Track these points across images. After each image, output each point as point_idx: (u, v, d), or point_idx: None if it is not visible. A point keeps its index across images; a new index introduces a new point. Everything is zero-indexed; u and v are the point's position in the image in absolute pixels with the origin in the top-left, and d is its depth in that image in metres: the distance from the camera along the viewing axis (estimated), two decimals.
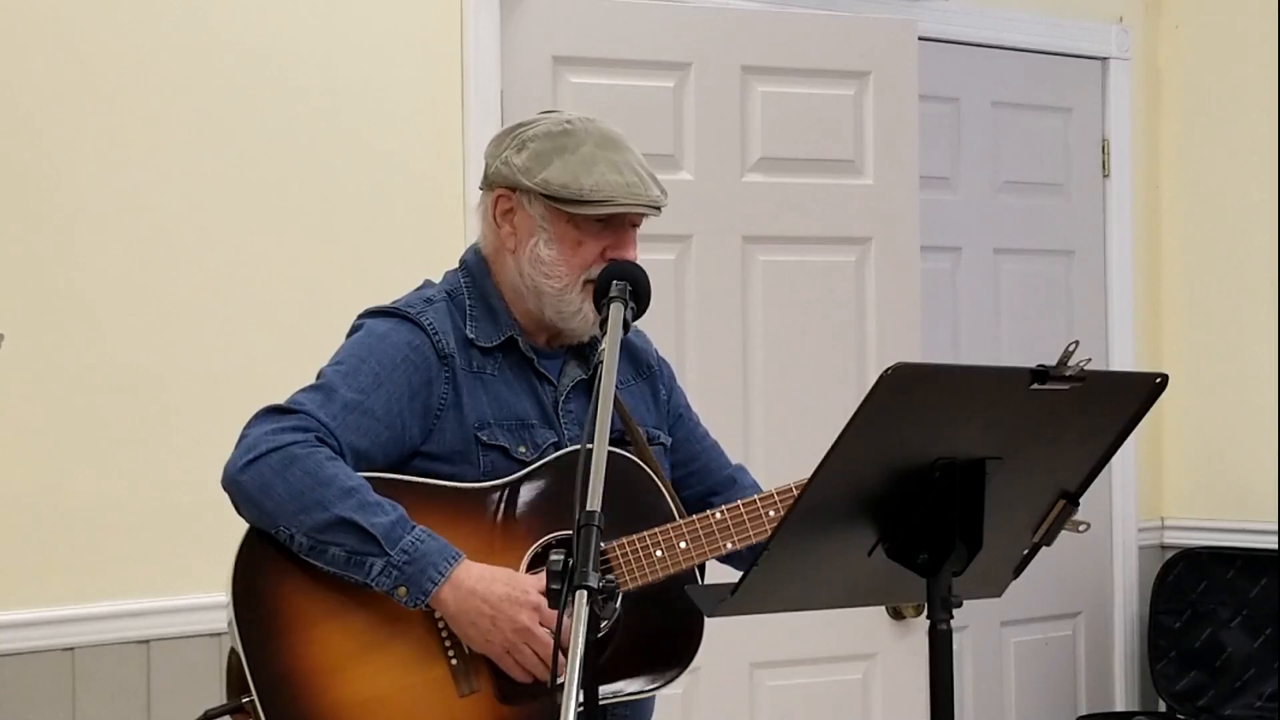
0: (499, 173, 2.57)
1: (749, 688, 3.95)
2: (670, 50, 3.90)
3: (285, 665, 2.39)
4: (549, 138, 2.54)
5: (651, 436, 2.66)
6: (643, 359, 2.74)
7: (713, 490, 2.75)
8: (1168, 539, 4.89)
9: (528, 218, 2.55)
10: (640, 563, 2.48)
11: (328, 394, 2.46)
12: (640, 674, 2.53)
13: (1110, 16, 4.77)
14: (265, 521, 2.41)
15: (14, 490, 3.25)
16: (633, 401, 2.66)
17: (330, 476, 2.39)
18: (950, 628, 2.12)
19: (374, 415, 2.46)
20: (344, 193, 3.58)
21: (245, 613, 2.40)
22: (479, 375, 2.54)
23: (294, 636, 2.40)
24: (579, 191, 2.49)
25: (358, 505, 2.38)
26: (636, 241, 2.57)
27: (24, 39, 3.28)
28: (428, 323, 2.53)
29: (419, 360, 2.50)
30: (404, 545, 2.38)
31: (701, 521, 2.51)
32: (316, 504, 2.37)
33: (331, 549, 2.38)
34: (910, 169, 4.11)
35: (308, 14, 3.55)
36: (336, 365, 2.51)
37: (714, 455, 2.79)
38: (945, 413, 2.07)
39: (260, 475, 2.39)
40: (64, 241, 3.31)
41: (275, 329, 3.48)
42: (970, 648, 4.54)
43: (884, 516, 2.12)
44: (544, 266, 2.53)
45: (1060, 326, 4.68)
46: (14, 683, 3.23)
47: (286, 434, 2.41)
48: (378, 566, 2.37)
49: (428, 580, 2.38)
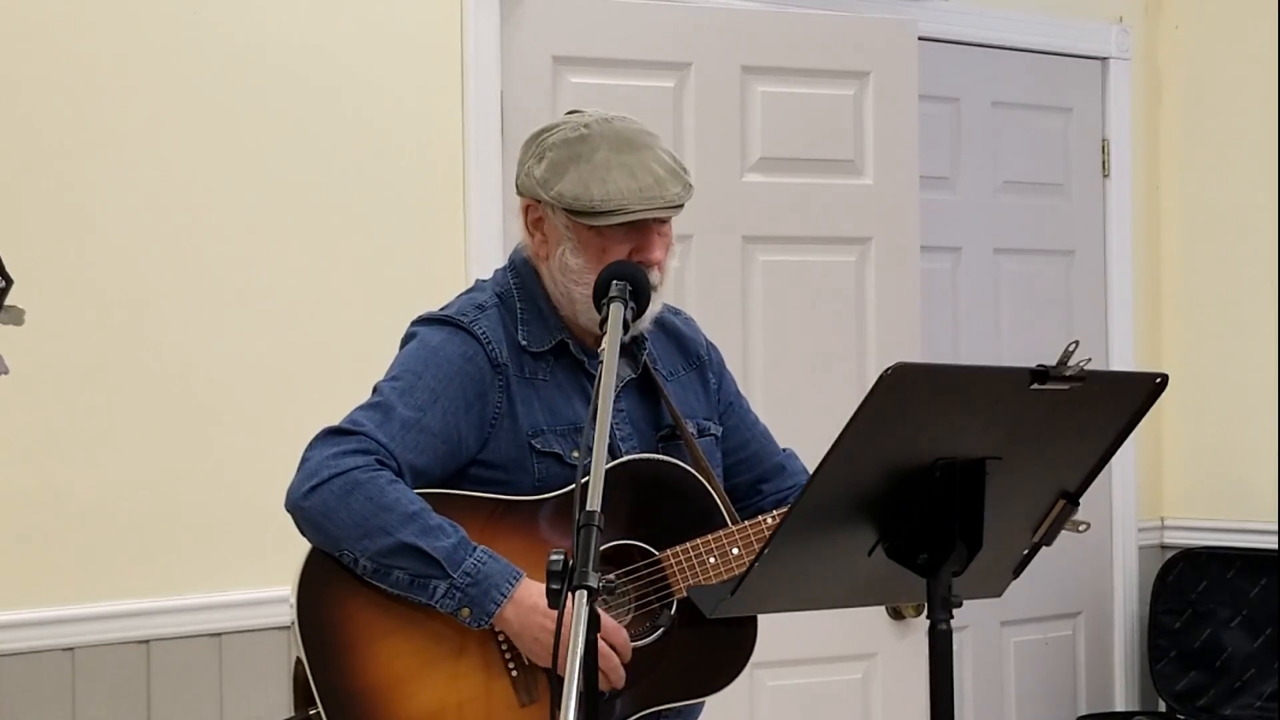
0: (525, 183, 2.58)
1: (749, 688, 3.94)
2: (670, 50, 3.90)
3: (349, 681, 2.43)
4: (565, 145, 2.54)
5: (702, 429, 2.67)
6: (692, 348, 2.74)
7: (763, 478, 2.76)
8: (1168, 539, 4.89)
9: (554, 227, 2.56)
10: (694, 570, 2.50)
11: (386, 413, 2.48)
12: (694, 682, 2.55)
13: (1110, 16, 4.77)
14: (329, 545, 2.43)
15: (14, 490, 3.25)
16: (682, 393, 2.67)
17: (393, 501, 2.41)
18: (950, 628, 2.12)
19: (431, 432, 2.48)
20: (344, 192, 3.58)
21: (309, 628, 2.43)
22: (531, 381, 2.55)
23: (358, 652, 2.44)
24: (591, 203, 2.49)
25: (420, 530, 2.41)
26: (668, 236, 2.56)
27: (25, 40, 3.28)
28: (481, 332, 2.54)
29: (474, 372, 2.52)
30: (466, 568, 2.41)
31: (754, 527, 2.54)
32: (379, 530, 2.40)
33: (395, 573, 2.41)
34: (910, 169, 4.11)
35: (308, 14, 3.55)
36: (393, 381, 2.53)
37: (764, 442, 2.80)
38: (945, 413, 2.07)
39: (324, 501, 2.42)
40: (64, 241, 3.31)
41: (276, 329, 3.48)
42: (970, 648, 4.54)
43: (884, 516, 2.12)
44: (573, 274, 2.54)
45: (1060, 326, 4.68)
46: (14, 683, 3.23)
47: (348, 458, 2.43)
48: (441, 589, 2.41)
49: (491, 602, 2.41)
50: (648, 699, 2.50)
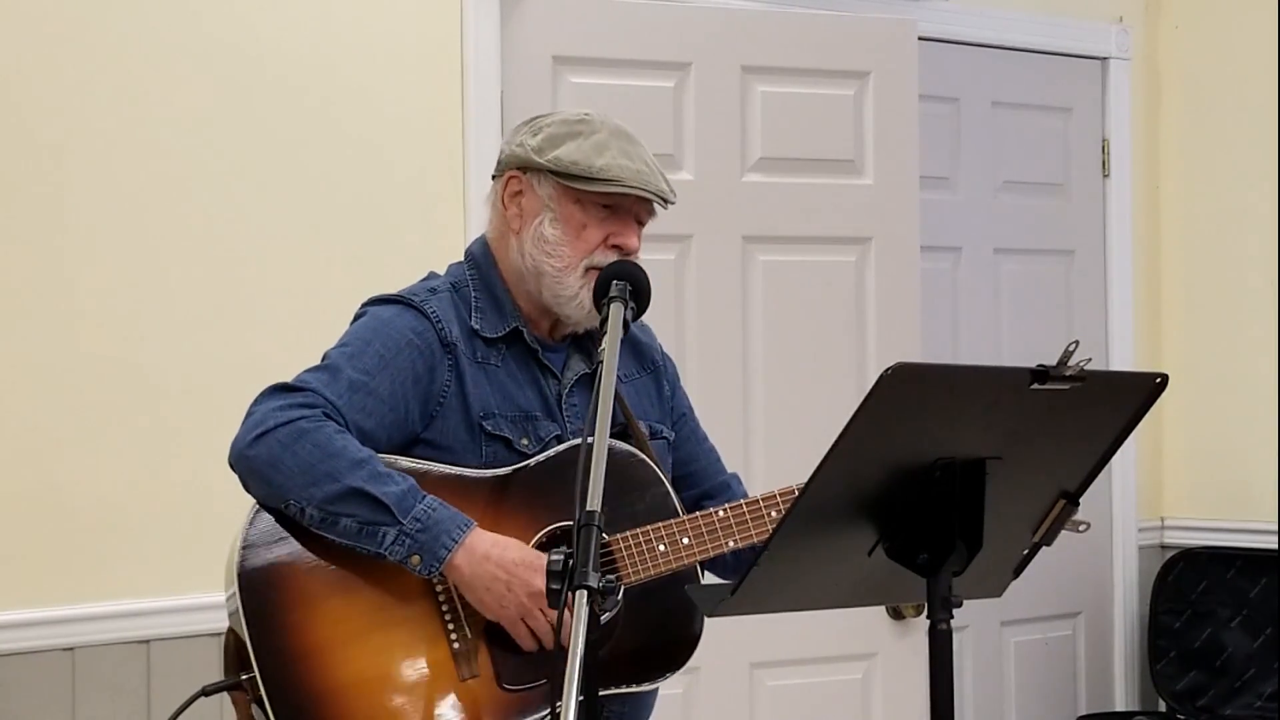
0: (513, 155, 2.60)
1: (749, 688, 3.95)
2: (670, 50, 3.90)
3: (288, 642, 2.39)
4: (565, 123, 2.58)
5: (655, 431, 2.67)
6: (647, 354, 2.74)
7: (707, 494, 2.76)
8: (1168, 539, 4.89)
9: (535, 197, 2.57)
10: (643, 557, 2.49)
11: (333, 374, 2.48)
12: (639, 669, 2.53)
13: (1110, 16, 4.77)
14: (274, 496, 2.42)
15: (14, 490, 3.26)
16: (636, 396, 2.67)
17: (340, 449, 2.40)
18: (950, 628, 2.12)
19: (379, 396, 2.47)
20: (344, 193, 3.58)
21: (250, 590, 2.40)
22: (483, 366, 2.55)
23: (298, 614, 2.41)
24: (589, 169, 2.52)
25: (369, 475, 2.39)
26: (641, 237, 2.58)
27: (23, 40, 3.28)
28: (431, 311, 2.54)
29: (423, 346, 2.52)
30: (416, 514, 2.39)
31: (705, 518, 2.52)
32: (327, 475, 2.38)
33: (343, 520, 2.39)
34: (910, 169, 4.11)
35: (308, 15, 3.55)
36: (342, 347, 2.53)
37: (711, 459, 2.80)
38: (945, 413, 2.07)
39: (269, 450, 2.40)
40: (63, 240, 3.31)
41: (276, 328, 3.48)
42: (970, 648, 4.54)
43: (884, 516, 2.12)
44: (547, 245, 2.55)
45: (1060, 326, 4.68)
46: (14, 683, 3.24)
47: (294, 409, 2.42)
48: (390, 535, 2.38)
49: (441, 547, 2.39)
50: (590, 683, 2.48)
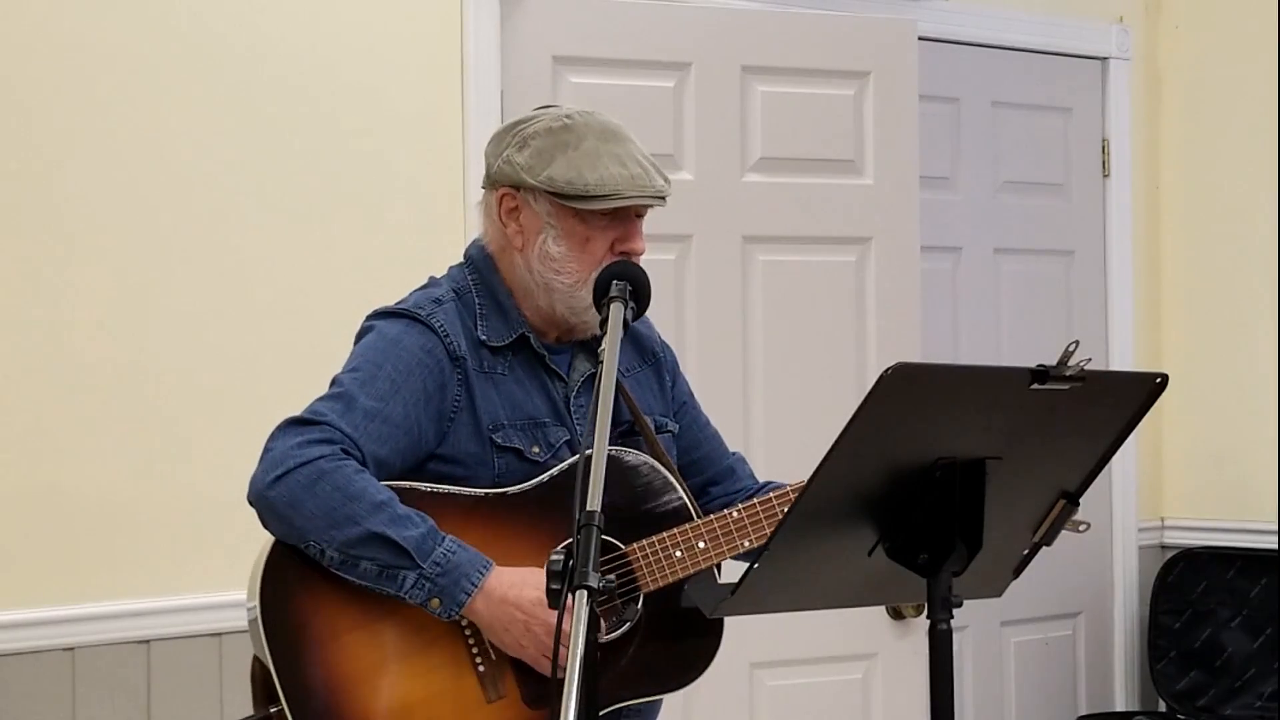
0: (502, 171, 2.56)
1: (749, 688, 3.95)
2: (670, 50, 3.90)
3: (314, 676, 2.40)
4: (550, 134, 2.53)
5: (659, 425, 2.66)
6: (647, 346, 2.73)
7: (713, 480, 2.75)
8: (1168, 539, 4.89)
9: (534, 215, 2.54)
10: (660, 564, 2.49)
11: (348, 403, 2.46)
12: (658, 677, 2.54)
13: (1110, 16, 4.77)
14: (294, 537, 2.40)
15: (14, 490, 3.26)
16: (639, 389, 2.66)
17: (360, 491, 2.39)
18: (950, 628, 2.12)
19: (393, 422, 2.46)
20: (344, 193, 3.58)
21: (273, 624, 2.40)
22: (490, 375, 2.54)
23: (323, 647, 2.41)
24: (584, 187, 2.49)
25: (389, 519, 2.38)
26: (642, 231, 2.57)
27: (23, 39, 3.28)
28: (439, 324, 2.52)
29: (432, 364, 2.50)
30: (435, 558, 2.38)
31: (719, 521, 2.52)
32: (347, 519, 2.37)
33: (363, 563, 2.39)
34: (910, 169, 4.11)
35: (308, 14, 3.55)
36: (353, 372, 2.51)
37: (715, 444, 2.79)
38: (945, 413, 2.07)
39: (289, 491, 2.38)
40: (64, 240, 3.31)
41: (276, 329, 3.48)
42: (970, 648, 4.54)
43: (884, 516, 2.12)
44: (554, 263, 2.53)
45: (1060, 326, 4.68)
46: (14, 683, 3.23)
47: (313, 447, 2.40)
48: (410, 580, 2.38)
49: (461, 592, 2.39)
50: (610, 695, 2.47)
